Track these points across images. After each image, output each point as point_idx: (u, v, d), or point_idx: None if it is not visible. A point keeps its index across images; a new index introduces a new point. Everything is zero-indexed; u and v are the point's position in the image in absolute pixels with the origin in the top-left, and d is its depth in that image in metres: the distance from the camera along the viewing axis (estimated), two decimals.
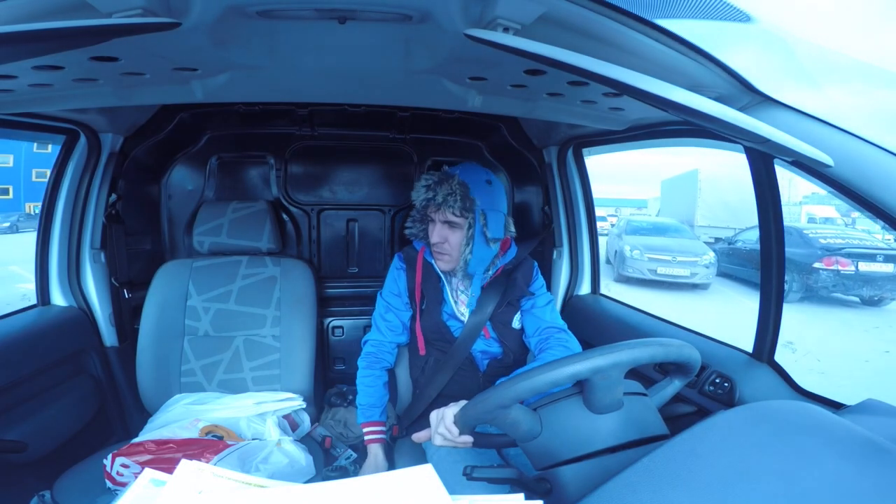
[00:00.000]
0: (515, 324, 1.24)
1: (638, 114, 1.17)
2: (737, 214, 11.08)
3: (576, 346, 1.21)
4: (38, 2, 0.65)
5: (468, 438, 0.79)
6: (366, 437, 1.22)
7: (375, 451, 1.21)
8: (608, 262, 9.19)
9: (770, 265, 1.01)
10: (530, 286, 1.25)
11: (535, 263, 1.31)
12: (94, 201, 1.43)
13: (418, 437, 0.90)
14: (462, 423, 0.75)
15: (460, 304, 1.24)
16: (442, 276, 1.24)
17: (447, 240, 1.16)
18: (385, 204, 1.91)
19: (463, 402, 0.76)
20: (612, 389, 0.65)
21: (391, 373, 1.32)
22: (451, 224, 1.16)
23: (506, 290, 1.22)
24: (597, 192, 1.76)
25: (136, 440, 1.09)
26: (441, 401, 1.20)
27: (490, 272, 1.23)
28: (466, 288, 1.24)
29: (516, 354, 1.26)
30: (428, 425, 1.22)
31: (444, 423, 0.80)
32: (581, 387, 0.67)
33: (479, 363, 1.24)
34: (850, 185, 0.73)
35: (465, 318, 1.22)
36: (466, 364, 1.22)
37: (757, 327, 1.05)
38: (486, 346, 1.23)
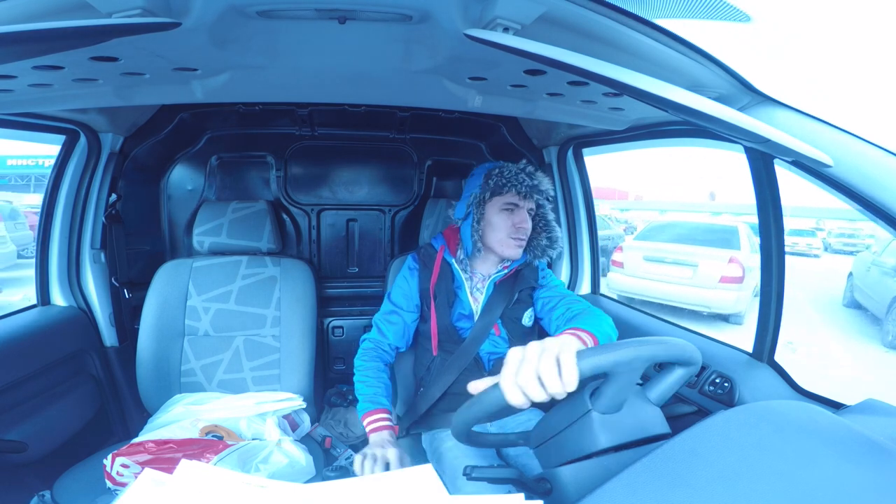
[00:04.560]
0: (526, 321, 1.25)
1: (638, 114, 1.17)
2: None
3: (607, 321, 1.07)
4: (38, 2, 0.65)
5: (573, 383, 0.56)
6: (368, 428, 1.06)
7: (382, 440, 1.02)
8: (856, 305, 5.69)
9: (770, 265, 1.01)
10: (538, 279, 1.27)
11: (542, 263, 1.30)
12: (94, 201, 1.43)
13: (476, 385, 0.66)
14: (584, 368, 0.56)
15: (475, 302, 1.25)
16: (462, 276, 1.24)
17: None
18: (385, 204, 1.91)
19: (565, 346, 0.58)
20: (625, 389, 0.61)
21: (391, 370, 1.29)
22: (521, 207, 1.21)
23: (514, 285, 1.23)
24: (797, 199, 1.38)
25: (136, 440, 1.08)
26: (446, 399, 1.20)
27: (506, 271, 1.24)
28: (483, 287, 1.25)
29: None
30: (430, 425, 1.23)
31: (560, 358, 0.56)
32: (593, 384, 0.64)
33: (485, 363, 1.24)
34: (850, 185, 0.73)
35: (476, 316, 1.23)
36: (472, 363, 1.22)
37: (757, 327, 1.05)
38: (493, 347, 1.23)
